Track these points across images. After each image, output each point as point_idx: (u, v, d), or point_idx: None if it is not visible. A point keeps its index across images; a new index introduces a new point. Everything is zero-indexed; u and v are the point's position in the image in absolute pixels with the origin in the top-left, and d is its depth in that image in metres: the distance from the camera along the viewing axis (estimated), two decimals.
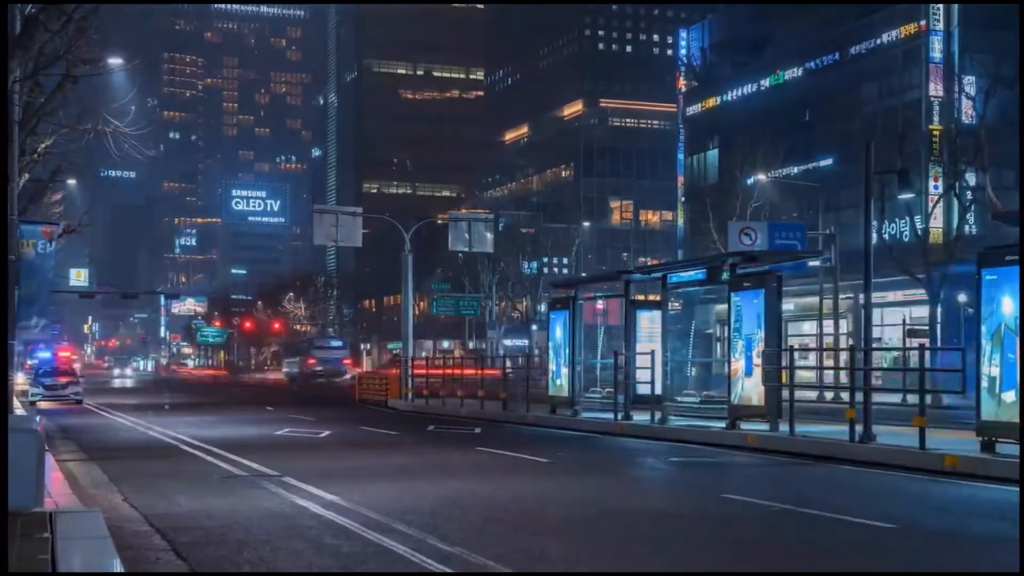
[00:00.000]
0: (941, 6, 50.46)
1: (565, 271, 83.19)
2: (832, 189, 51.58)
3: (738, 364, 19.74)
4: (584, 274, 70.20)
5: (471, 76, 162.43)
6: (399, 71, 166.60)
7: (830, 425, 19.78)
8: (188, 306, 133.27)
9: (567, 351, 25.47)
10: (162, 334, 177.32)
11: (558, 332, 26.08)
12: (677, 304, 54.73)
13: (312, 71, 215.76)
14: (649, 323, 24.74)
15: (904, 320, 43.64)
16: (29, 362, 56.93)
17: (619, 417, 22.91)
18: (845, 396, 23.93)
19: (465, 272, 75.58)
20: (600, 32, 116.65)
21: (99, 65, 19.14)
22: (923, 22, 50.82)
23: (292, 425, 25.96)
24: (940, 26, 50.47)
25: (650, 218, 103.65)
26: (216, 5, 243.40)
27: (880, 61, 53.59)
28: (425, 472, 15.56)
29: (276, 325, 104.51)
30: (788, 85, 60.23)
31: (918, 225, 42.13)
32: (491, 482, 14.32)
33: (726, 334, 20.50)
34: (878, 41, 53.88)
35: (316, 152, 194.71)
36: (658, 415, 21.86)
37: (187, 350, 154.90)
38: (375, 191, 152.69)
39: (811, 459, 16.71)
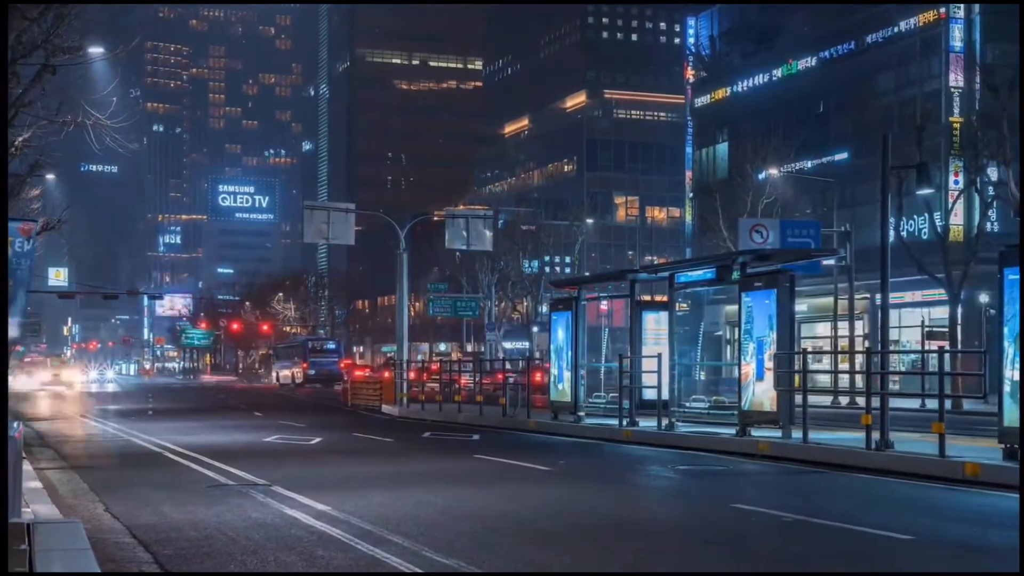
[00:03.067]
0: None
1: (567, 270, 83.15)
2: (847, 184, 51.63)
3: (749, 368, 19.73)
4: (587, 273, 70.23)
5: (469, 66, 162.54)
6: (393, 61, 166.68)
7: (845, 431, 19.79)
8: (174, 303, 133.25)
9: (569, 354, 25.46)
10: (145, 336, 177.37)
11: (560, 334, 26.08)
12: (685, 305, 54.91)
13: (303, 61, 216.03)
14: (655, 324, 24.73)
15: (923, 321, 43.66)
16: None
17: (624, 423, 22.92)
18: (861, 401, 23.96)
19: (463, 271, 75.58)
20: (604, 20, 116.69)
21: (79, 54, 19.15)
22: (942, 9, 50.82)
23: (281, 432, 25.98)
24: (960, 13, 50.46)
25: (656, 215, 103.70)
26: None
27: (897, 50, 53.60)
28: (421, 481, 15.57)
29: (264, 327, 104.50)
30: (801, 75, 60.23)
31: (937, 222, 42.16)
32: (490, 491, 14.33)
33: (736, 336, 20.51)
34: (895, 29, 53.88)
35: (307, 146, 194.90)
36: (665, 421, 21.87)
37: (172, 353, 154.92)
38: (368, 186, 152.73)
39: (825, 467, 16.71)
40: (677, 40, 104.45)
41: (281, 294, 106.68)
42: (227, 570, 9.25)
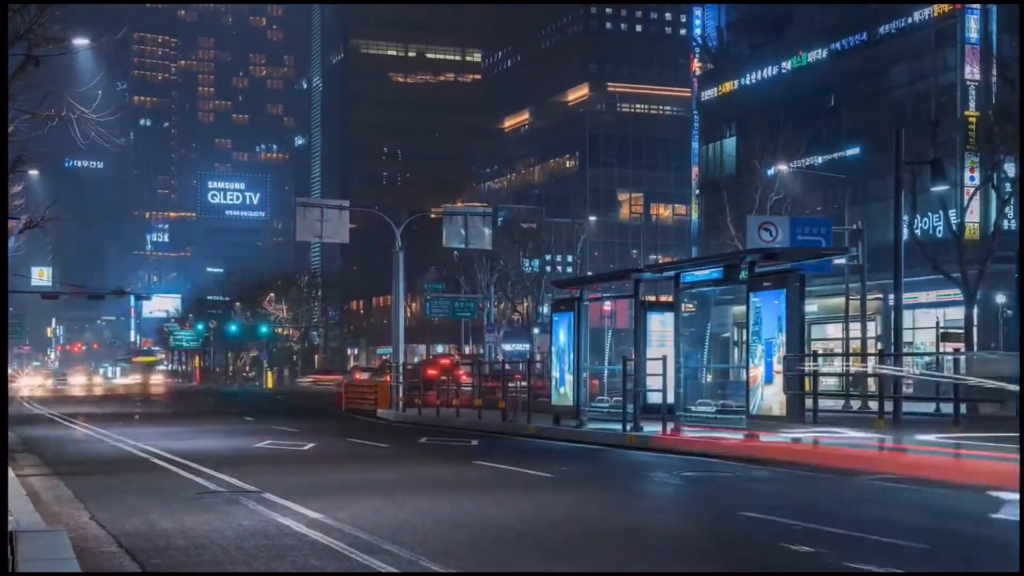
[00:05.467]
0: None
1: (569, 270, 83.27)
2: (859, 181, 51.60)
3: (757, 370, 19.73)
4: (590, 273, 70.28)
5: (467, 58, 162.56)
6: (389, 52, 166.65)
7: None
8: (161, 304, 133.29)
9: (571, 356, 25.45)
10: (132, 338, 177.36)
11: (562, 336, 26.07)
12: (691, 305, 54.85)
13: (295, 52, 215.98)
14: (660, 326, 24.72)
15: (937, 322, 43.64)
16: None
17: (628, 428, 22.91)
18: (873, 405, 23.95)
19: (461, 271, 75.61)
20: (608, 10, 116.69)
21: (64, 45, 19.13)
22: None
23: (273, 437, 25.98)
24: (976, 4, 50.44)
25: (661, 212, 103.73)
26: None
27: (911, 42, 53.58)
28: (417, 488, 15.57)
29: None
30: (812, 68, 60.23)
31: (952, 219, 42.08)
32: (489, 499, 14.33)
33: (744, 338, 20.52)
34: (909, 20, 53.87)
35: (299, 140, 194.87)
36: (670, 426, 21.86)
37: (160, 355, 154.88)
38: (363, 183, 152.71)
39: (836, 473, 16.70)
40: (683, 31, 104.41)
41: (273, 294, 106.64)
42: None
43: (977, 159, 46.51)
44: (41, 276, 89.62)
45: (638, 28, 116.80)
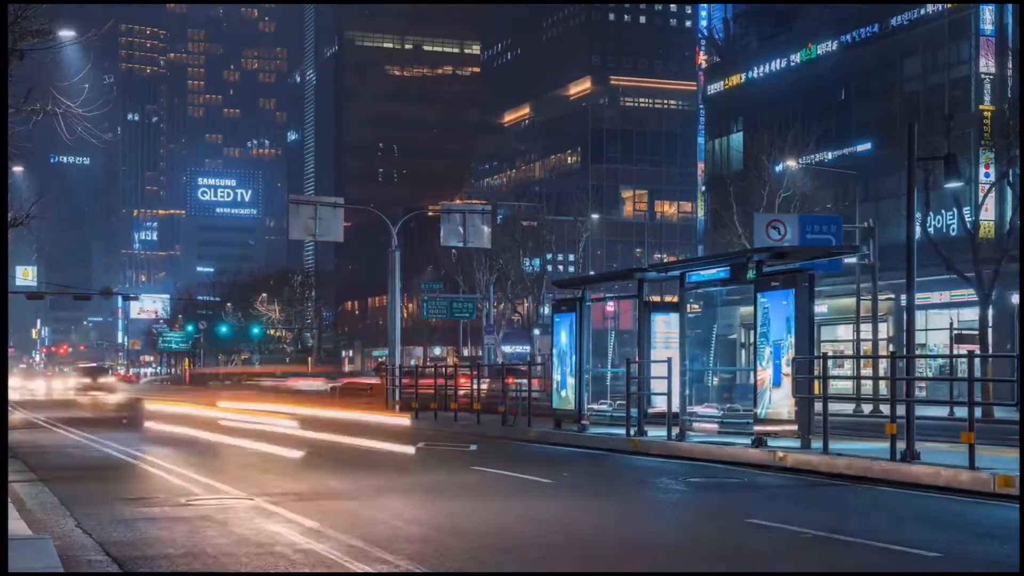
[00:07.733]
0: None
1: (571, 269, 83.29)
2: (871, 177, 51.61)
3: (765, 373, 19.72)
4: (592, 272, 70.31)
5: (466, 51, 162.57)
6: (385, 45, 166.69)
7: (868, 442, 19.78)
8: (150, 305, 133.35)
9: (573, 359, 25.45)
10: (120, 339, 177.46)
11: (563, 337, 26.07)
12: (697, 306, 54.79)
13: (288, 45, 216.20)
14: (665, 327, 24.72)
15: (951, 324, 43.66)
16: None
17: (631, 433, 22.92)
18: (885, 409, 23.96)
19: (459, 270, 75.57)
20: (611, 1, 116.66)
21: (49, 38, 19.12)
22: None
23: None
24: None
25: (666, 210, 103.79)
26: None
27: (924, 34, 53.61)
28: (414, 494, 15.57)
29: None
30: (821, 60, 60.26)
31: (967, 217, 42.09)
32: (488, 505, 14.34)
33: (752, 339, 20.49)
34: (922, 11, 53.89)
35: (292, 136, 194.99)
36: (675, 431, 21.85)
37: (148, 358, 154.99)
38: (358, 179, 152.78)
39: (847, 480, 16.72)
40: (688, 23, 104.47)
41: (265, 294, 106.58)
42: None
43: (992, 155, 46.51)
44: (26, 276, 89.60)
45: (642, 20, 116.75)
